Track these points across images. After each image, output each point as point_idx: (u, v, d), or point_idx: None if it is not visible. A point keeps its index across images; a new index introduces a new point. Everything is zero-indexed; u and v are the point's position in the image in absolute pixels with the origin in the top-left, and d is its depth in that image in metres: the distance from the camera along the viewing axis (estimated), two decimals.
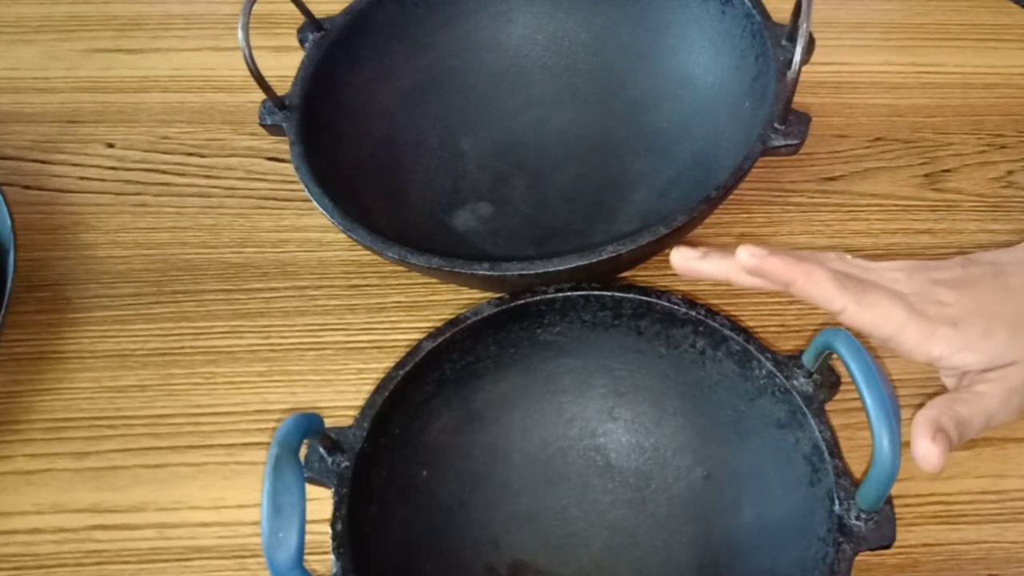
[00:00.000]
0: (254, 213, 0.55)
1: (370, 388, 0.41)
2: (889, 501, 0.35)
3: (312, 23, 0.51)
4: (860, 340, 0.34)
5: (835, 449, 0.37)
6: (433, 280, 0.51)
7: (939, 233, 0.52)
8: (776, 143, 0.43)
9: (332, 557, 0.37)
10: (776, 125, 0.43)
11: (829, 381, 0.39)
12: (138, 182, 0.57)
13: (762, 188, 0.54)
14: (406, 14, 0.53)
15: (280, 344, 0.50)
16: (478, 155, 0.55)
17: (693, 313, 0.41)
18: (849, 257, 0.41)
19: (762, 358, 0.40)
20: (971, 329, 0.38)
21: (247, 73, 0.45)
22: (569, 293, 0.43)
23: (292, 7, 0.50)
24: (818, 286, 0.38)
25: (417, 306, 0.51)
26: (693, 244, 0.40)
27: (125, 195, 0.56)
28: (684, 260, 0.40)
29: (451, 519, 0.43)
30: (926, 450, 0.36)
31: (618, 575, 0.43)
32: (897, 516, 0.35)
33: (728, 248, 0.39)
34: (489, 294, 0.45)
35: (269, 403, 0.49)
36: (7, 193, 0.50)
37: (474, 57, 0.56)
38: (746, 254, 0.38)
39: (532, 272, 0.41)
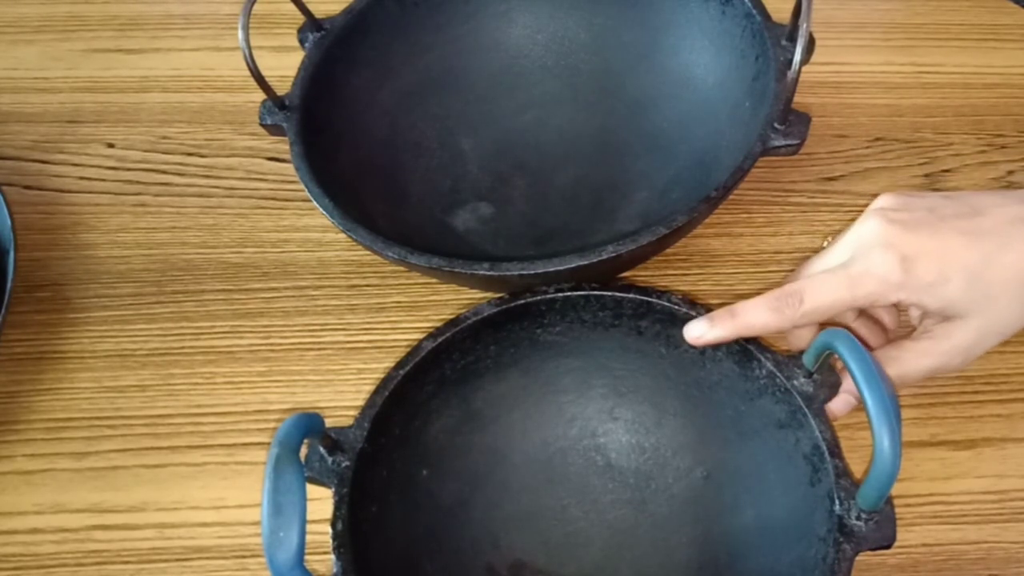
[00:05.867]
0: (254, 213, 0.55)
1: (370, 388, 0.41)
2: (889, 501, 0.35)
3: (312, 23, 0.51)
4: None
5: (835, 449, 0.37)
6: (433, 280, 0.51)
7: None
8: (776, 143, 0.43)
9: (332, 557, 0.37)
10: (776, 125, 0.43)
11: (829, 381, 0.39)
12: (138, 182, 0.57)
13: (762, 188, 0.54)
14: (406, 14, 0.53)
15: (280, 344, 0.50)
16: (478, 155, 0.55)
17: (693, 313, 0.41)
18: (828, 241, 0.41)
19: (762, 358, 0.40)
20: (923, 270, 0.37)
21: (247, 73, 0.45)
22: (569, 293, 0.43)
23: (292, 7, 0.50)
24: (757, 325, 0.39)
25: (417, 306, 0.51)
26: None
27: (125, 195, 0.56)
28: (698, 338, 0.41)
29: (451, 519, 0.43)
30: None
31: (618, 575, 0.43)
32: (897, 516, 0.35)
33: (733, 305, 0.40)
34: (489, 294, 0.45)
35: (269, 403, 0.49)
36: (7, 193, 0.50)
37: (474, 57, 0.56)
38: (690, 338, 0.41)
39: (532, 272, 0.41)
